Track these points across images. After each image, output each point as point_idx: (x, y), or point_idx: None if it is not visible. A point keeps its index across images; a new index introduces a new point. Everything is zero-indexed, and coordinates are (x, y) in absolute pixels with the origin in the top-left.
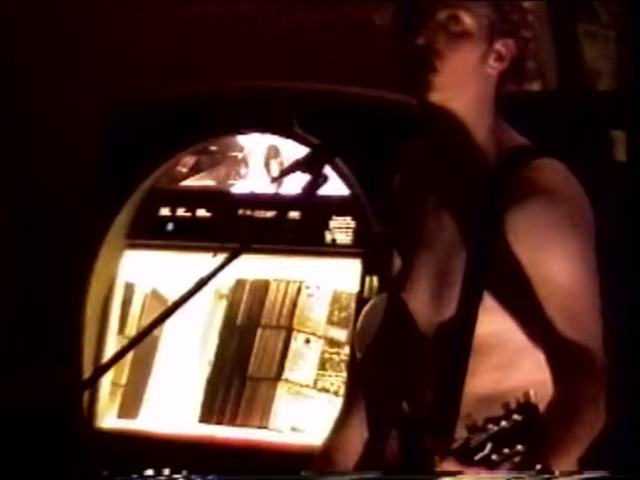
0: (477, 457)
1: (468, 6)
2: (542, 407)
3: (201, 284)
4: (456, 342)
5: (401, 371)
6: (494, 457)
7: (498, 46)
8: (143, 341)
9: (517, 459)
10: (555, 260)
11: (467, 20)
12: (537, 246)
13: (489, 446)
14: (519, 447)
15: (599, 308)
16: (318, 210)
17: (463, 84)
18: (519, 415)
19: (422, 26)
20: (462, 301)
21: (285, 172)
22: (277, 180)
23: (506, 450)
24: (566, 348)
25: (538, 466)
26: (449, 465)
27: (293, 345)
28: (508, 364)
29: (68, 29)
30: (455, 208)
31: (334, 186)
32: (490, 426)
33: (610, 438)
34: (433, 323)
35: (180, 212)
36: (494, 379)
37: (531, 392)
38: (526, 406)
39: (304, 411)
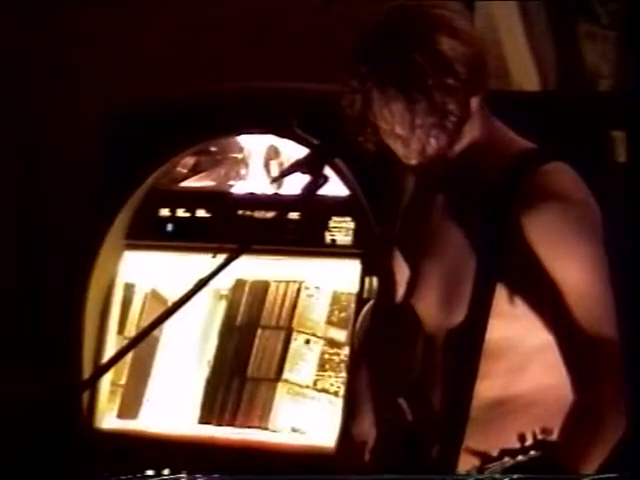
0: None
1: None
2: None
3: (201, 284)
4: (466, 347)
5: (408, 374)
6: None
7: None
8: (143, 341)
9: None
10: (572, 266)
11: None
12: (553, 252)
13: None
14: None
15: (615, 310)
16: (318, 210)
17: None
18: (536, 451)
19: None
20: (472, 306)
21: (285, 173)
22: (277, 181)
23: None
24: (587, 352)
25: (507, 459)
26: None
27: (293, 346)
28: (518, 369)
29: (69, 29)
30: (465, 214)
31: (334, 186)
32: (506, 459)
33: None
34: (443, 328)
35: (180, 213)
36: (504, 383)
37: (549, 427)
38: (543, 443)
39: (304, 411)
